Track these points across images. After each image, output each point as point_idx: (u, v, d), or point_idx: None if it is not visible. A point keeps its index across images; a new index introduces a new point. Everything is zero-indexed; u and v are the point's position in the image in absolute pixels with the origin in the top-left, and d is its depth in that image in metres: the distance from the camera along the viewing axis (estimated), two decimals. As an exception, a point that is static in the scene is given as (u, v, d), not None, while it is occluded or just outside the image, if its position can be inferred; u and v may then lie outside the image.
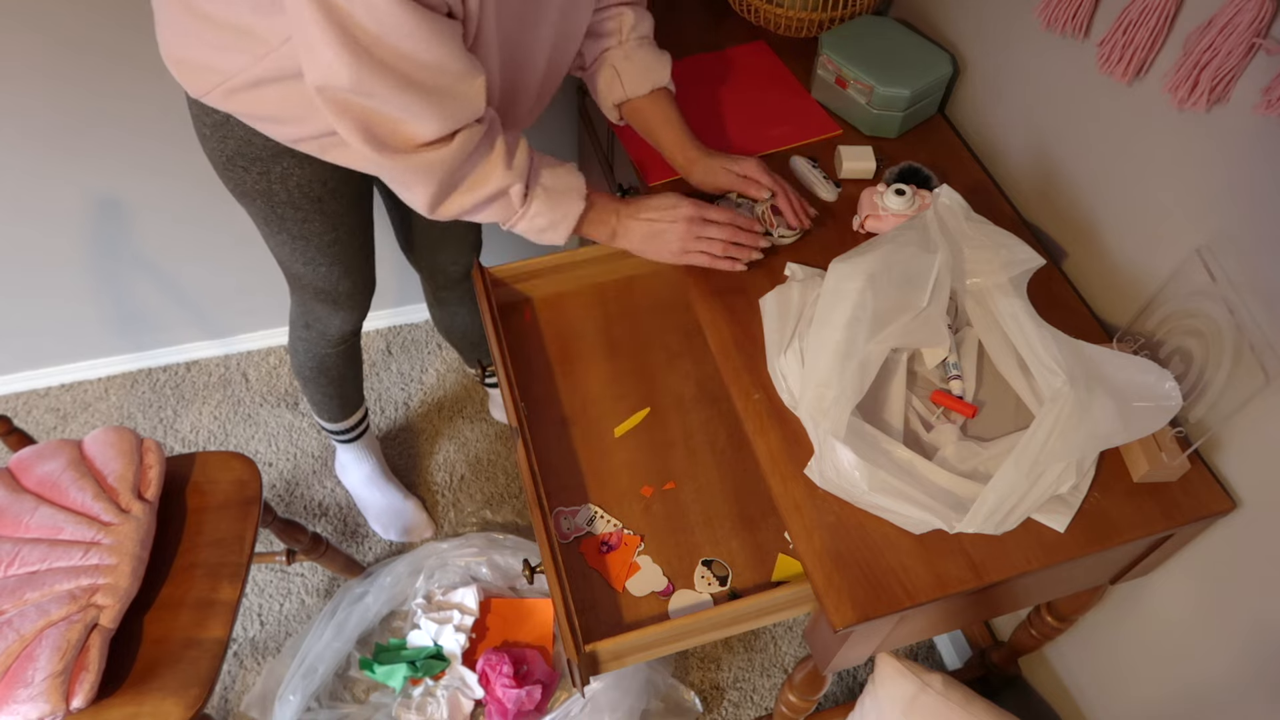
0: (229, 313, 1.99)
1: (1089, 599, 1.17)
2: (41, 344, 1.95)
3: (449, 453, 1.92)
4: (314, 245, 1.18)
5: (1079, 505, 0.93)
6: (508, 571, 1.69)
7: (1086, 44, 1.03)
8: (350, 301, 1.33)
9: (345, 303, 1.32)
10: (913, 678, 1.20)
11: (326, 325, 1.37)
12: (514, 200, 0.99)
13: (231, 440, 1.95)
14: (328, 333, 1.39)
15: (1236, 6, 0.80)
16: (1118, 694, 1.26)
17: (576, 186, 1.03)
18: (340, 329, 1.39)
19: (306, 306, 1.34)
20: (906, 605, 0.87)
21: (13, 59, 1.41)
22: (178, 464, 1.30)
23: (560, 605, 0.97)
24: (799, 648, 1.68)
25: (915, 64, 1.23)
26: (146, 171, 1.62)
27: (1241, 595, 0.98)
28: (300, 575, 1.75)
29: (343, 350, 1.46)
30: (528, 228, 1.03)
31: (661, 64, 1.14)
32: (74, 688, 1.05)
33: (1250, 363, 0.87)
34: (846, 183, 1.21)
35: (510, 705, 1.51)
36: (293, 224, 1.14)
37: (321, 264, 1.22)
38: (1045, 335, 0.91)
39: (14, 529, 1.15)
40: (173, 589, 1.20)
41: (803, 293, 1.05)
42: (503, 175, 0.96)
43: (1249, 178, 0.86)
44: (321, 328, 1.38)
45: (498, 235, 1.92)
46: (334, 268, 1.23)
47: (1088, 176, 1.09)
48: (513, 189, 0.98)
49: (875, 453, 0.91)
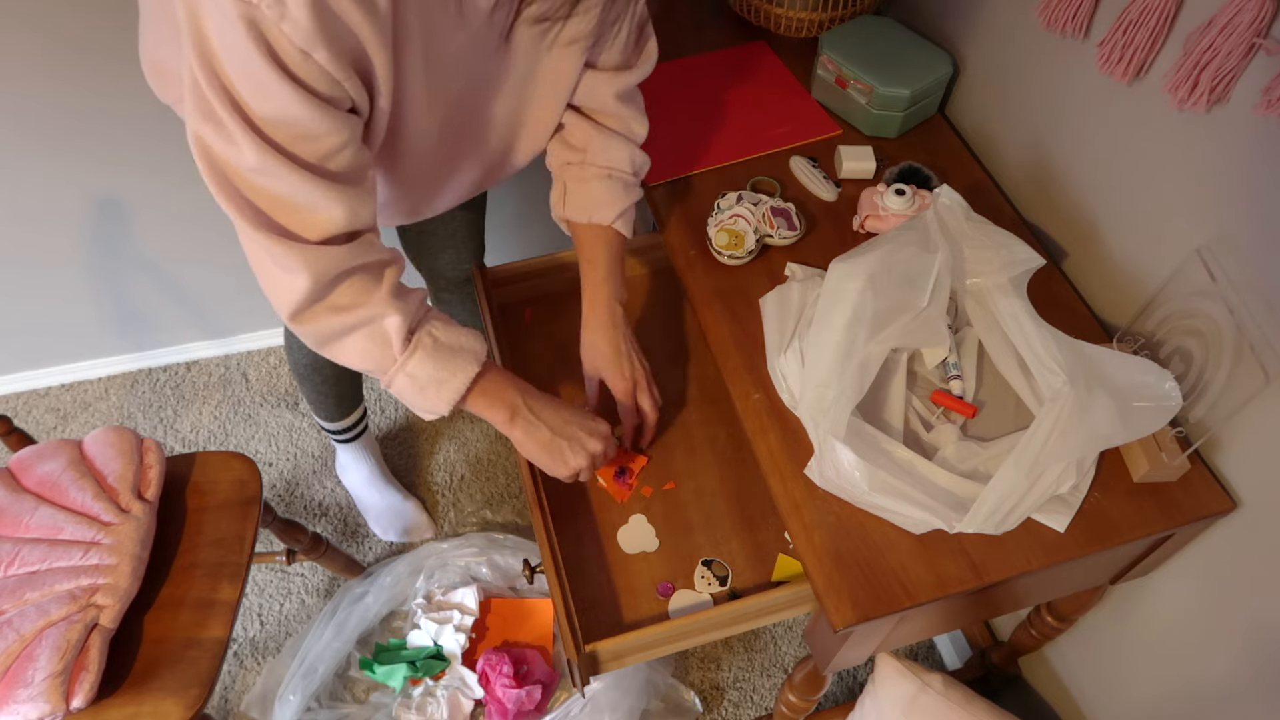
0: (229, 313, 1.99)
1: (1089, 599, 1.17)
2: (41, 344, 1.95)
3: (449, 453, 1.92)
4: None
5: (1079, 505, 0.93)
6: (508, 571, 1.69)
7: (1086, 44, 1.03)
8: None
9: None
10: (913, 678, 1.20)
11: None
12: (393, 339, 0.86)
13: (231, 440, 1.95)
14: None
15: (1236, 6, 0.80)
16: (1118, 694, 1.26)
17: (473, 349, 0.91)
18: None
19: None
20: (906, 605, 0.87)
21: (13, 59, 1.41)
22: (178, 464, 1.30)
23: (560, 605, 0.97)
24: (799, 648, 1.68)
25: (915, 64, 1.23)
26: (146, 171, 1.62)
27: (1241, 595, 0.98)
28: (300, 575, 1.75)
29: None
30: (405, 384, 0.89)
31: (614, 202, 1.04)
32: (74, 688, 1.05)
33: (1250, 363, 0.87)
34: (846, 183, 1.21)
35: (510, 705, 1.51)
36: None
37: None
38: (1045, 335, 0.91)
39: (14, 529, 1.15)
40: (173, 589, 1.20)
41: (803, 293, 1.05)
42: (383, 303, 0.85)
43: (1249, 178, 0.86)
44: None
45: (498, 236, 1.92)
46: None
47: (1088, 176, 1.09)
48: (389, 321, 0.85)
49: (875, 453, 0.91)
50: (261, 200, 0.79)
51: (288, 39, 0.68)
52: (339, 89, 0.74)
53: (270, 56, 0.69)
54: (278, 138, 0.74)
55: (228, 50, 0.69)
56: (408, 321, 0.87)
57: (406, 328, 0.87)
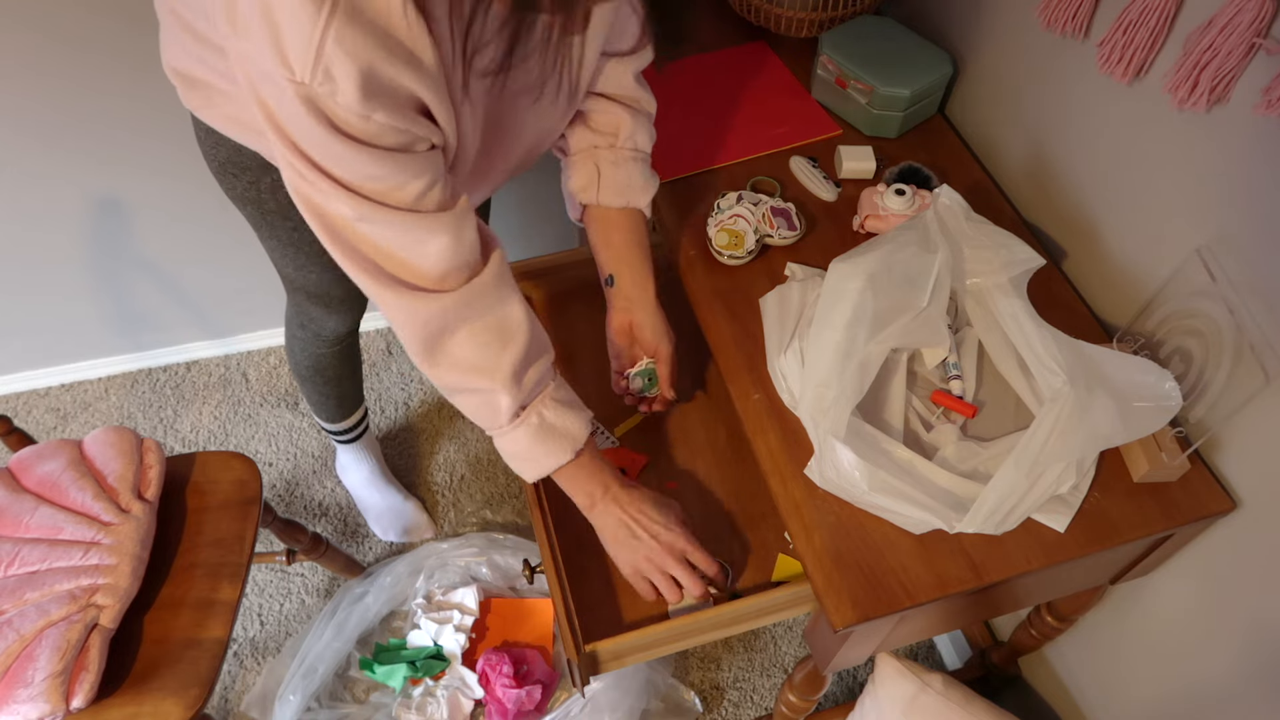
0: (229, 313, 1.99)
1: (1089, 599, 1.17)
2: (41, 344, 1.95)
3: (449, 453, 1.92)
4: (304, 252, 1.18)
5: (1079, 505, 0.93)
6: (508, 571, 1.69)
7: (1086, 44, 1.03)
8: (344, 304, 1.32)
9: (339, 305, 1.32)
10: (913, 678, 1.20)
11: (321, 326, 1.37)
12: (503, 413, 0.90)
13: (231, 440, 1.95)
14: (323, 333, 1.39)
15: (1236, 6, 0.80)
16: (1118, 694, 1.26)
17: (575, 435, 0.94)
18: (335, 330, 1.39)
19: (301, 307, 1.34)
20: (906, 605, 0.87)
21: (12, 58, 1.41)
22: (178, 464, 1.30)
23: (560, 605, 0.97)
24: (799, 648, 1.68)
25: (915, 64, 1.23)
26: (146, 171, 1.62)
27: (1241, 595, 0.98)
28: (300, 575, 1.75)
29: (339, 350, 1.46)
30: (503, 447, 0.94)
31: (646, 185, 1.06)
32: (74, 688, 1.05)
33: (1250, 363, 0.87)
34: (846, 183, 1.21)
35: (510, 705, 1.51)
36: (283, 231, 1.14)
37: (314, 270, 1.22)
38: (1045, 335, 0.91)
39: (14, 529, 1.15)
40: (173, 589, 1.20)
41: (803, 293, 1.05)
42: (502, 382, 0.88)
43: (1249, 178, 0.86)
44: (316, 328, 1.38)
45: (499, 236, 1.92)
46: (326, 273, 1.23)
47: (1088, 176, 1.09)
48: (503, 399, 0.89)
49: (875, 453, 0.91)
50: (368, 248, 0.81)
51: (343, 108, 0.69)
52: (408, 136, 0.75)
53: (333, 128, 0.70)
54: (367, 193, 0.76)
55: (293, 122, 0.71)
56: (520, 400, 0.90)
57: (518, 405, 0.91)
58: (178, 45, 0.97)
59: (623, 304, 1.07)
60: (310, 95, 0.68)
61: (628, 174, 1.04)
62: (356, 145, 0.72)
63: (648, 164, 1.07)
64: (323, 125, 0.70)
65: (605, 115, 1.03)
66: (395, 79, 0.70)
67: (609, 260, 1.07)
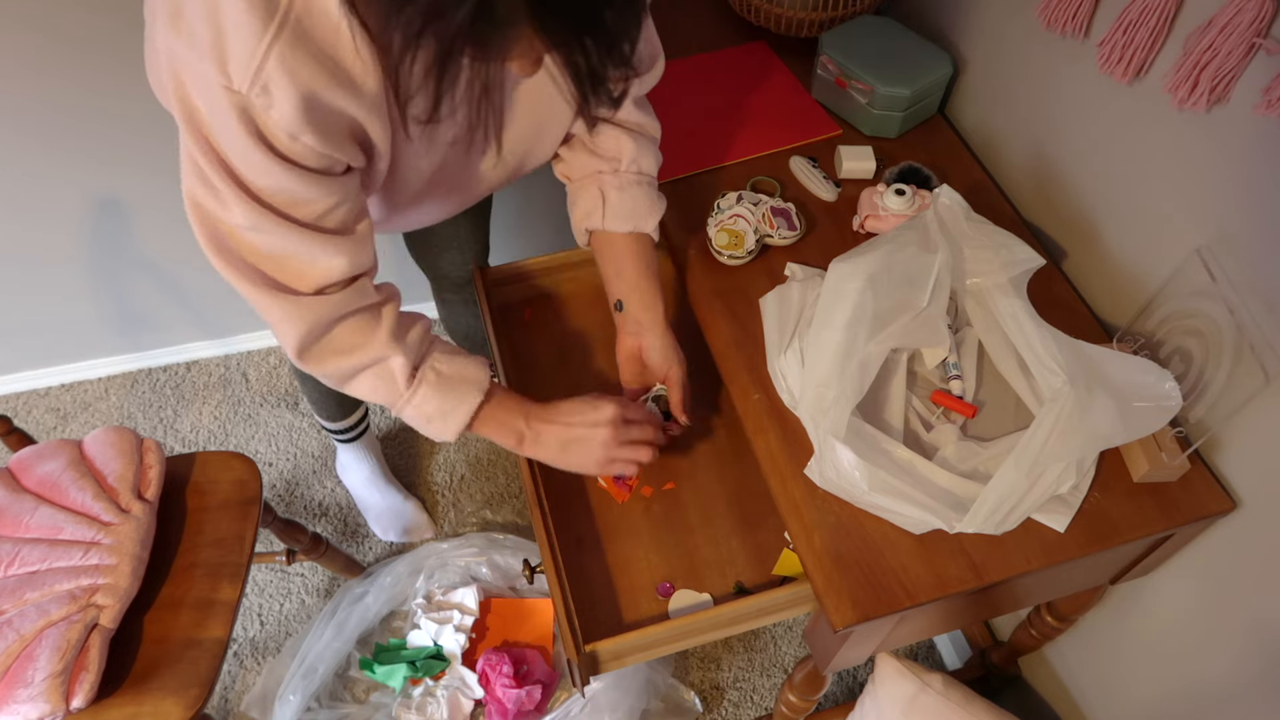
0: (229, 313, 1.99)
1: (1089, 599, 1.17)
2: (41, 344, 1.95)
3: (449, 453, 1.92)
4: None
5: (1079, 505, 0.93)
6: (508, 571, 1.69)
7: (1086, 44, 1.03)
8: None
9: None
10: (913, 678, 1.20)
11: None
12: (398, 377, 0.90)
13: (231, 440, 1.95)
14: None
15: (1236, 6, 0.80)
16: (1118, 694, 1.26)
17: (476, 378, 0.94)
18: None
19: None
20: (906, 605, 0.87)
21: (12, 58, 1.41)
22: (178, 464, 1.30)
23: (560, 605, 0.97)
24: (799, 648, 1.68)
25: (915, 64, 1.23)
26: (146, 171, 1.62)
27: (1241, 595, 0.98)
28: (300, 575, 1.75)
29: None
30: (413, 416, 0.93)
31: (652, 209, 1.04)
32: (74, 688, 1.05)
33: (1250, 363, 0.87)
34: (846, 183, 1.21)
35: (510, 705, 1.51)
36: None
37: None
38: (1045, 335, 0.91)
39: (14, 529, 1.15)
40: (173, 589, 1.20)
41: (803, 293, 1.05)
42: (385, 344, 0.88)
43: (1249, 178, 0.86)
44: None
45: (499, 236, 1.92)
46: None
47: (1088, 176, 1.09)
48: (393, 361, 0.89)
49: (875, 453, 0.91)
50: (253, 256, 0.81)
51: (275, 124, 0.70)
52: (329, 160, 0.76)
53: (259, 139, 0.71)
54: (271, 202, 0.77)
55: (218, 126, 0.71)
56: (410, 360, 0.90)
57: (410, 365, 0.90)
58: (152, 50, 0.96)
59: (632, 328, 1.06)
60: (245, 104, 0.68)
61: (633, 199, 1.02)
62: (277, 159, 0.73)
63: (654, 187, 1.05)
64: (248, 133, 0.70)
65: (607, 140, 1.02)
66: (335, 104, 0.71)
67: (617, 285, 1.06)
